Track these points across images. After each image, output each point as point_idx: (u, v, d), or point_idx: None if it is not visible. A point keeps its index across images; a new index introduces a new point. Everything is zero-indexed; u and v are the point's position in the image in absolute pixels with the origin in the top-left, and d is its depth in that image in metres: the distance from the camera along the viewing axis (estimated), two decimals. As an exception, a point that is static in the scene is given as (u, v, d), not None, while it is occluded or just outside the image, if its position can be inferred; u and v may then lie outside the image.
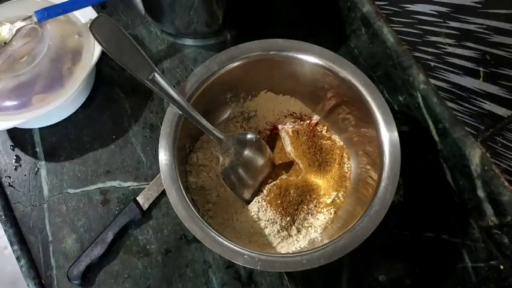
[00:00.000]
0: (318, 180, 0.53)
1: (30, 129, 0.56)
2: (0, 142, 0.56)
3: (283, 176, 0.53)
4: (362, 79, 0.47)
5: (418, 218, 0.54)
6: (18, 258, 0.50)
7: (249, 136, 0.51)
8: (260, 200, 0.50)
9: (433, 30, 0.49)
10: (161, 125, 0.46)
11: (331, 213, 0.50)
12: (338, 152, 0.54)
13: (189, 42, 0.63)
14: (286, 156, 0.55)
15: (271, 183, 0.52)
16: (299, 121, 0.56)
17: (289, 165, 0.55)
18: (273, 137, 0.56)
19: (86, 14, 0.56)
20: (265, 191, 0.51)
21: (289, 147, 0.54)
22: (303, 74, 0.51)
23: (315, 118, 0.56)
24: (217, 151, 0.52)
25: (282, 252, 0.48)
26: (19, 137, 0.56)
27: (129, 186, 0.54)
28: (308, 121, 0.56)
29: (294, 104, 0.56)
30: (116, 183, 0.54)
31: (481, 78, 0.45)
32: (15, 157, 0.56)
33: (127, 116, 0.58)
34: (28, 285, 0.50)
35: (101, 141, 0.56)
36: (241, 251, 0.40)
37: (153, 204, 0.53)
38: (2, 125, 0.49)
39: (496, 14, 0.41)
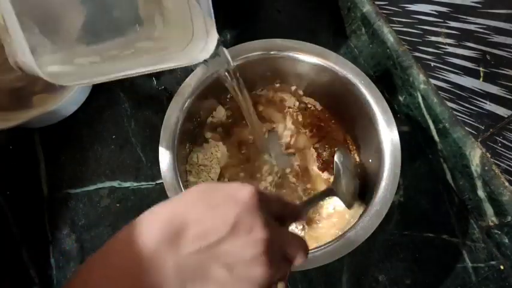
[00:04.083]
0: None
1: (30, 129, 0.56)
2: (0, 142, 0.56)
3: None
4: (362, 79, 0.47)
5: (418, 218, 0.53)
6: (18, 258, 0.50)
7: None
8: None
9: (433, 30, 0.49)
10: (161, 125, 0.46)
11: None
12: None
13: (189, 42, 0.63)
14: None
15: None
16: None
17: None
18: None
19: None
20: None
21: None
22: (303, 74, 0.51)
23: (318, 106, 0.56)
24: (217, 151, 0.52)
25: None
26: (19, 137, 0.56)
27: (129, 187, 0.54)
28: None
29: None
30: (115, 183, 0.54)
31: (481, 78, 0.45)
32: (15, 157, 0.56)
33: (127, 116, 0.58)
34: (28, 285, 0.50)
35: (101, 141, 0.56)
36: (241, 251, 0.40)
37: (153, 203, 0.53)
38: (2, 125, 0.49)
39: (496, 14, 0.41)
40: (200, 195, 0.26)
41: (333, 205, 0.51)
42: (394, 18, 0.55)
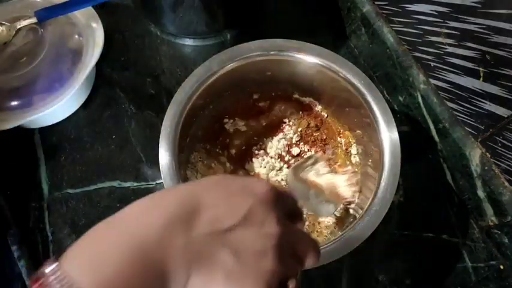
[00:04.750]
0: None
1: (30, 129, 0.56)
2: (0, 142, 0.56)
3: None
4: (362, 79, 0.47)
5: (418, 218, 0.53)
6: (18, 258, 0.50)
7: None
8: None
9: (433, 30, 0.49)
10: (161, 125, 0.46)
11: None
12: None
13: (189, 42, 0.63)
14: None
15: None
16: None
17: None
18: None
19: (86, 14, 0.56)
20: None
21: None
22: (303, 74, 0.51)
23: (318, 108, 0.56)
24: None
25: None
26: (19, 137, 0.56)
27: (129, 187, 0.54)
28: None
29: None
30: (115, 183, 0.54)
31: (481, 78, 0.45)
32: (15, 157, 0.56)
33: (127, 116, 0.58)
34: (28, 285, 0.50)
35: (101, 141, 0.56)
36: (241, 251, 0.40)
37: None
38: (3, 124, 0.49)
39: (496, 14, 0.41)
40: (218, 182, 0.27)
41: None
42: (394, 18, 0.55)
